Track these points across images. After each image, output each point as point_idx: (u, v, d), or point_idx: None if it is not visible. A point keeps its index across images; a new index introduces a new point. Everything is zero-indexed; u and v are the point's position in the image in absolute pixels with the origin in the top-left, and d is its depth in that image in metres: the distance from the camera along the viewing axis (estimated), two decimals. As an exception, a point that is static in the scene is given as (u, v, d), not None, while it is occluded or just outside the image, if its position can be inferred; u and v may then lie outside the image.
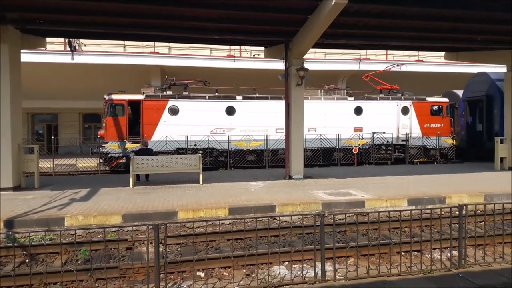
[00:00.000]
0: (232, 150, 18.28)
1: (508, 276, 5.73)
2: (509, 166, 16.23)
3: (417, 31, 13.95)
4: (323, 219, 5.83)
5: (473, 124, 21.86)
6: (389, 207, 10.01)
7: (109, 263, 6.48)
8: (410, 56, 29.50)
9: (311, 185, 12.60)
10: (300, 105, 14.16)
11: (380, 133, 19.96)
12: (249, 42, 15.80)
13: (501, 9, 12.03)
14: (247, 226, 8.41)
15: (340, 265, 6.27)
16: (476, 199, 10.50)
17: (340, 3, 10.48)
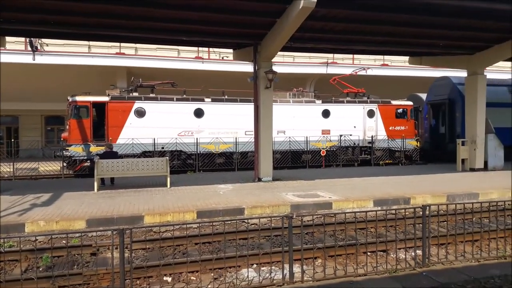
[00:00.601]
0: (201, 153, 18.11)
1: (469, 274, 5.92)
2: (470, 167, 16.87)
3: (382, 36, 14.31)
4: (291, 221, 5.85)
5: (436, 127, 22.61)
6: (355, 208, 10.17)
7: (72, 270, 6.25)
8: (376, 60, 30.21)
9: (280, 187, 12.65)
10: (269, 108, 14.20)
11: (347, 135, 20.31)
12: (217, 44, 15.74)
13: (461, 16, 12.52)
14: (216, 230, 8.35)
15: (308, 266, 6.30)
16: (439, 199, 10.83)
17: (307, 7, 10.58)
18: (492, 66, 19.17)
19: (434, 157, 22.03)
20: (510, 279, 5.68)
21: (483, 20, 12.93)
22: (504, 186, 12.40)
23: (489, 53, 16.29)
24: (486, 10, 11.95)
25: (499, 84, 21.14)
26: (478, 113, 16.73)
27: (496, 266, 6.25)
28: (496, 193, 11.45)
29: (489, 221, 7.46)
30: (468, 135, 17.19)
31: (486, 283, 5.58)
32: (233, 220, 6.86)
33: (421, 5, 11.55)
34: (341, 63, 28.55)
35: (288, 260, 5.82)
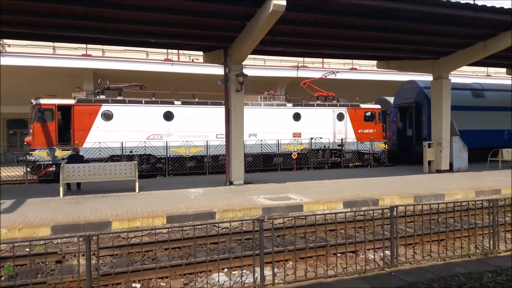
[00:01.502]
0: (171, 157, 17.85)
1: (435, 273, 6.06)
2: (436, 169, 17.37)
3: (351, 40, 14.55)
4: (262, 224, 5.82)
5: (403, 130, 23.20)
6: (326, 210, 10.25)
7: (36, 278, 5.98)
8: (345, 64, 30.77)
9: (251, 191, 12.61)
10: (240, 111, 14.16)
11: (318, 138, 20.54)
12: (187, 46, 15.60)
13: (426, 22, 12.90)
14: (186, 234, 8.22)
15: (279, 269, 6.28)
16: (407, 200, 11.08)
17: (277, 11, 10.63)
18: (456, 71, 19.83)
19: (401, 159, 22.59)
20: (474, 277, 5.84)
21: (447, 25, 13.36)
22: (468, 187, 12.83)
23: (453, 58, 16.86)
24: (450, 16, 12.38)
25: (463, 88, 21.94)
26: (444, 116, 17.25)
27: (461, 265, 6.42)
28: (460, 194, 11.82)
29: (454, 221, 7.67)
30: (434, 138, 17.69)
31: (451, 281, 5.72)
32: (203, 225, 6.75)
33: (387, 10, 11.83)
34: (311, 67, 28.92)
35: (259, 263, 5.78)
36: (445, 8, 11.95)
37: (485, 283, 5.61)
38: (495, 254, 6.89)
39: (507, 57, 17.50)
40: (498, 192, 12.22)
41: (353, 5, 11.38)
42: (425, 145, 17.78)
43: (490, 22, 13.06)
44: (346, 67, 30.06)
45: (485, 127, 21.51)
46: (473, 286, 5.51)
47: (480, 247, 7.11)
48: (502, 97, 22.65)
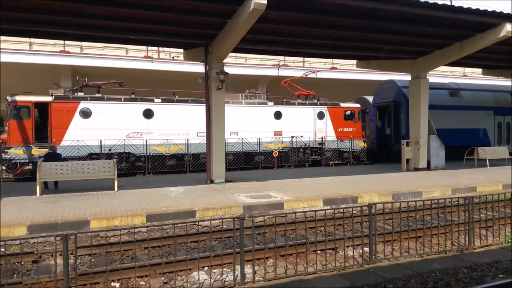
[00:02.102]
0: (151, 155, 17.66)
1: (413, 269, 6.17)
2: (414, 167, 17.68)
3: (331, 40, 14.66)
4: (243, 222, 5.82)
5: (382, 128, 23.55)
6: (306, 207, 10.32)
7: (11, 279, 5.84)
8: (325, 63, 31.00)
9: (232, 189, 12.59)
10: (221, 109, 14.11)
11: (298, 136, 20.65)
12: (167, 43, 15.41)
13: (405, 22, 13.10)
14: (166, 233, 8.15)
15: (260, 267, 6.30)
16: (385, 198, 11.22)
17: (257, 9, 10.62)
18: (434, 70, 20.22)
19: (380, 157, 22.94)
20: (450, 272, 5.97)
21: (425, 26, 13.60)
22: (445, 184, 13.11)
23: (431, 58, 17.18)
24: (429, 17, 12.60)
25: (440, 88, 22.41)
26: (421, 115, 17.56)
27: (438, 261, 6.56)
28: (437, 191, 12.07)
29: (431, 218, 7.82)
30: (412, 136, 18.00)
31: (428, 277, 5.83)
32: (183, 223, 6.70)
33: (367, 10, 11.95)
34: (292, 65, 29.03)
35: (240, 261, 5.78)
36: (424, 9, 12.15)
37: (461, 279, 5.75)
38: (470, 250, 7.06)
39: (482, 57, 17.97)
40: (474, 189, 12.52)
41: (332, 5, 11.43)
42: (403, 144, 18.07)
43: (467, 23, 13.35)
44: (326, 66, 30.30)
45: (462, 126, 22.04)
46: (449, 282, 5.63)
47: (456, 244, 7.28)
48: (478, 96, 23.25)
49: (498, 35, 13.57)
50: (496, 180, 13.83)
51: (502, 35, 13.44)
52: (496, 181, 13.57)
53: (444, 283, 5.58)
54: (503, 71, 22.08)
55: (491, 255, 6.78)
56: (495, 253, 6.94)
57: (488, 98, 23.47)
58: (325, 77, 26.87)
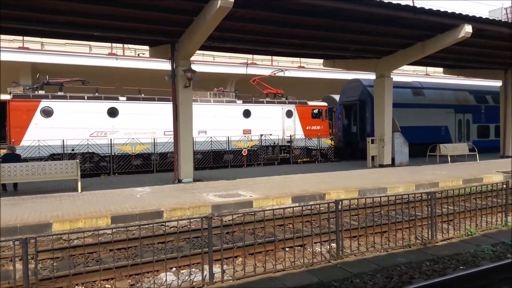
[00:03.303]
0: (116, 155, 17.23)
1: (378, 263, 6.30)
2: (379, 164, 18.10)
3: (299, 39, 14.77)
4: (211, 221, 5.75)
5: (348, 126, 23.98)
6: (275, 205, 10.35)
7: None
8: (293, 62, 31.22)
9: (201, 188, 12.47)
10: (189, 107, 13.93)
11: (267, 135, 20.72)
12: (132, 40, 15.09)
13: (369, 22, 13.38)
14: (132, 235, 7.96)
15: (229, 266, 6.26)
16: (352, 194, 11.45)
17: (225, 7, 10.55)
18: (398, 70, 20.78)
19: (347, 155, 23.37)
20: (414, 266, 6.13)
21: (389, 26, 13.93)
22: (409, 180, 13.49)
23: (394, 57, 17.62)
24: (392, 17, 12.91)
25: (404, 86, 23.06)
26: (386, 113, 18.01)
27: (402, 255, 6.72)
28: (402, 187, 12.40)
29: (396, 213, 8.02)
30: (377, 134, 18.42)
31: (394, 270, 5.97)
32: (150, 224, 6.55)
33: (333, 10, 12.11)
34: (260, 64, 29.07)
35: (208, 261, 5.71)
36: (387, 9, 12.44)
37: (424, 271, 5.91)
38: (433, 243, 7.28)
39: (443, 57, 18.63)
40: (436, 185, 12.96)
41: (299, 4, 11.52)
42: (368, 141, 18.46)
43: (428, 24, 13.78)
44: (294, 65, 30.52)
45: (425, 123, 22.78)
46: (413, 275, 5.78)
47: (419, 238, 7.49)
48: (440, 95, 24.09)
49: (458, 35, 14.08)
50: (457, 176, 14.36)
51: (461, 35, 13.95)
52: (457, 177, 14.10)
53: (408, 276, 5.72)
54: (463, 70, 23.01)
55: (452, 248, 7.02)
56: (456, 245, 7.19)
57: (449, 97, 24.38)
58: (293, 76, 27.07)
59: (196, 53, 14.37)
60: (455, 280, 5.11)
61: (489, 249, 6.88)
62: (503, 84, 21.82)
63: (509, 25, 15.25)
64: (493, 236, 7.73)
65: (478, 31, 14.30)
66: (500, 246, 7.07)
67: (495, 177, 14.20)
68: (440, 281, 5.06)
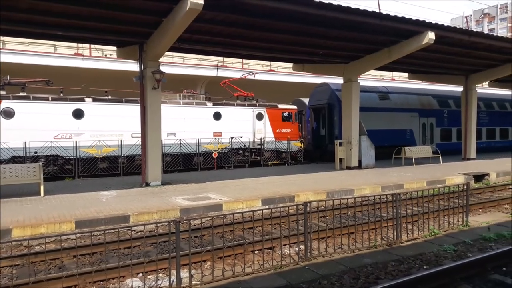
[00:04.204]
0: (81, 157, 16.74)
1: (345, 264, 6.39)
2: (347, 166, 18.41)
3: (268, 42, 14.82)
4: (179, 225, 5.66)
5: (317, 129, 24.30)
6: (245, 208, 10.32)
7: None
8: (264, 65, 31.42)
9: (169, 192, 12.28)
10: (157, 109, 13.72)
11: (238, 137, 20.69)
12: (99, 41, 14.73)
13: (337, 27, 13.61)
14: (97, 240, 7.75)
15: (197, 270, 6.19)
16: (320, 196, 11.57)
17: (194, 9, 10.45)
18: (364, 74, 21.24)
19: (316, 157, 23.66)
20: (380, 266, 6.26)
21: (356, 32, 14.21)
22: (375, 182, 13.78)
23: (361, 62, 18.00)
24: (359, 23, 13.16)
25: (370, 91, 23.59)
26: (353, 117, 18.35)
27: (369, 255, 6.85)
28: (368, 189, 12.65)
29: (362, 214, 8.16)
30: (345, 137, 18.73)
31: (360, 271, 6.07)
32: (115, 229, 6.40)
33: (301, 15, 12.20)
34: (231, 66, 29.07)
35: (176, 265, 5.63)
36: (355, 15, 12.70)
37: (390, 272, 6.04)
38: (398, 244, 7.46)
39: (408, 63, 19.19)
40: (401, 186, 13.30)
41: (267, 8, 11.51)
42: (336, 144, 18.75)
43: (394, 30, 14.17)
44: (264, 69, 30.72)
45: (390, 127, 23.38)
46: (379, 275, 5.89)
47: (385, 238, 7.66)
48: (405, 99, 24.80)
49: (421, 42, 14.54)
50: (421, 178, 14.80)
51: (425, 42, 14.42)
52: (421, 178, 14.52)
53: (374, 277, 5.83)
54: (427, 75, 23.79)
55: (416, 248, 7.21)
56: (420, 246, 7.40)
57: (414, 101, 25.13)
58: (263, 79, 27.22)
59: (166, 54, 14.19)
60: (419, 280, 5.24)
61: (451, 248, 7.11)
62: (464, 90, 22.70)
63: (469, 33, 15.92)
64: (455, 236, 8.01)
65: (441, 38, 14.82)
66: (461, 246, 7.33)
67: (457, 179, 14.73)
68: (405, 281, 5.19)
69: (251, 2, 11.10)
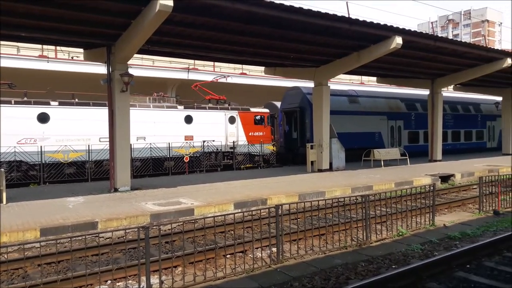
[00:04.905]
0: (47, 163, 16.17)
1: (317, 266, 6.43)
2: (318, 168, 18.62)
3: (240, 46, 14.80)
4: (148, 231, 5.55)
5: (289, 132, 24.48)
6: (217, 212, 10.24)
7: None
8: (235, 69, 31.40)
9: (139, 197, 12.04)
10: (126, 113, 13.44)
11: (210, 141, 20.55)
12: (64, 42, 14.29)
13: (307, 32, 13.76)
14: (64, 247, 7.49)
15: (168, 276, 6.08)
16: (292, 198, 11.63)
17: (163, 11, 10.33)
18: (335, 78, 21.57)
19: (288, 160, 23.82)
20: (350, 267, 6.33)
21: (327, 36, 14.42)
22: (345, 184, 13.98)
23: (332, 67, 18.28)
24: (329, 27, 13.37)
25: (340, 95, 23.99)
26: (324, 120, 18.59)
27: (339, 256, 6.92)
28: (339, 191, 12.82)
29: (333, 216, 8.26)
30: (316, 140, 18.95)
31: (331, 272, 6.12)
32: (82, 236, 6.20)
33: (272, 19, 12.27)
34: (202, 69, 28.90)
35: (145, 272, 5.50)
36: (325, 20, 12.89)
37: (359, 272, 6.12)
38: (368, 244, 7.58)
39: (377, 67, 19.64)
40: (370, 188, 13.55)
41: (238, 11, 11.50)
42: (308, 147, 18.94)
43: (363, 34, 14.46)
44: (236, 72, 30.70)
45: (360, 129, 23.84)
46: (349, 276, 5.96)
47: (355, 239, 7.77)
48: (374, 103, 25.36)
49: (389, 46, 14.91)
50: (389, 179, 15.13)
51: (393, 46, 14.79)
52: (390, 180, 14.85)
53: (345, 277, 5.89)
54: (395, 79, 24.42)
55: (385, 248, 7.35)
56: (389, 246, 7.54)
57: (382, 104, 25.74)
58: (235, 82, 27.17)
59: (135, 56, 13.95)
60: (388, 279, 5.33)
61: (418, 248, 7.29)
62: (431, 93, 23.43)
63: (434, 38, 16.46)
64: (422, 235, 8.22)
65: (408, 43, 15.24)
66: (428, 245, 7.52)
67: (424, 180, 15.14)
68: (374, 280, 5.26)
69: (222, 5, 11.06)
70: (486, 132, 32.03)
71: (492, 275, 5.79)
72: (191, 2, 10.91)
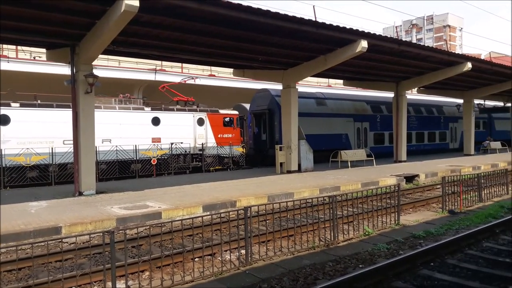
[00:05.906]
0: (7, 166, 15.53)
1: (285, 267, 6.47)
2: (287, 170, 18.77)
3: (207, 47, 14.73)
4: (113, 236, 5.42)
5: (258, 134, 24.56)
6: (185, 215, 10.13)
7: None
8: (204, 70, 31.24)
9: (104, 201, 11.75)
10: (90, 114, 13.10)
11: (178, 143, 20.33)
12: (25, 42, 13.79)
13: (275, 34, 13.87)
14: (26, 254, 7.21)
15: (134, 281, 5.97)
16: (262, 200, 11.66)
17: (129, 11, 10.12)
18: (303, 81, 21.84)
19: (258, 162, 23.89)
20: (318, 267, 6.41)
21: (294, 39, 14.57)
22: (313, 185, 14.16)
23: (299, 69, 18.49)
24: (296, 30, 13.50)
25: (308, 97, 24.30)
26: (292, 122, 18.76)
27: (307, 257, 7.00)
28: (307, 192, 12.96)
29: (301, 216, 8.34)
30: (284, 141, 19.10)
31: (299, 273, 6.18)
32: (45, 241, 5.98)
33: (240, 21, 12.27)
34: (170, 70, 28.58)
35: (111, 277, 5.37)
36: (292, 23, 13.01)
37: (327, 272, 6.21)
38: (335, 244, 7.70)
39: (343, 70, 20.04)
40: (338, 188, 13.78)
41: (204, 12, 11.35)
42: (277, 148, 19.07)
43: (329, 38, 14.70)
44: (205, 73, 30.54)
45: (327, 131, 24.24)
46: (317, 276, 6.03)
47: (323, 239, 7.87)
48: (341, 105, 25.85)
49: (355, 50, 15.22)
50: (356, 180, 15.44)
51: (358, 50, 15.11)
52: (356, 180, 15.16)
53: (313, 278, 5.96)
54: (361, 82, 24.97)
55: (352, 248, 7.49)
56: (355, 245, 7.69)
57: (349, 106, 26.27)
58: (204, 84, 27.02)
59: (101, 57, 13.64)
60: (355, 279, 5.44)
61: (384, 247, 7.47)
62: (395, 96, 24.10)
63: (398, 42, 16.96)
64: (388, 234, 8.43)
65: (373, 46, 15.62)
66: (394, 244, 7.72)
67: (390, 180, 15.55)
68: (342, 280, 5.36)
69: (188, 6, 10.96)
70: (448, 133, 33.27)
71: (455, 272, 6.01)
72: (156, 2, 10.75)
